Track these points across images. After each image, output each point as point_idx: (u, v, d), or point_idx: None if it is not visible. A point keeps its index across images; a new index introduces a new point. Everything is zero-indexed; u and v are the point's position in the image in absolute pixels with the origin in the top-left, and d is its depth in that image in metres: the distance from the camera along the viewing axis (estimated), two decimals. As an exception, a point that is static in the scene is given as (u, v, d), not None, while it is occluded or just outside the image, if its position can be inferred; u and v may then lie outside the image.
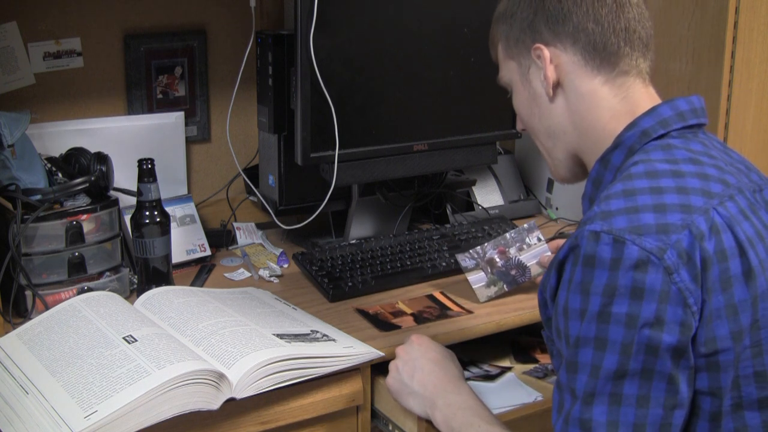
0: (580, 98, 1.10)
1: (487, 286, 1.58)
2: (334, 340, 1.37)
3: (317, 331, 1.40)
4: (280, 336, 1.32)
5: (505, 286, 1.59)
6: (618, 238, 0.92)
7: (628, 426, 0.91)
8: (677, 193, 0.97)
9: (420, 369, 1.26)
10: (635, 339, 0.91)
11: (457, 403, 1.20)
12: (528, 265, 1.58)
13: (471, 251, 1.60)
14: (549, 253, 1.58)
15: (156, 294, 1.47)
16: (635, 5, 1.09)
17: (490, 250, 1.61)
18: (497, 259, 1.59)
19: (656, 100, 1.09)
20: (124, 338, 1.26)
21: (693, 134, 1.07)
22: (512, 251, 1.60)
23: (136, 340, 1.26)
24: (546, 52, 1.10)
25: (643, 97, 1.09)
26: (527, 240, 1.59)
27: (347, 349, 1.34)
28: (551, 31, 1.10)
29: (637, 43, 1.09)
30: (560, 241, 1.80)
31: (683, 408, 0.93)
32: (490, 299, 1.59)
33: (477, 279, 1.59)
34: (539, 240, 1.59)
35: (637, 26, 1.09)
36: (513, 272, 1.59)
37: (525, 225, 1.61)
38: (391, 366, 1.29)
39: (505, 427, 1.14)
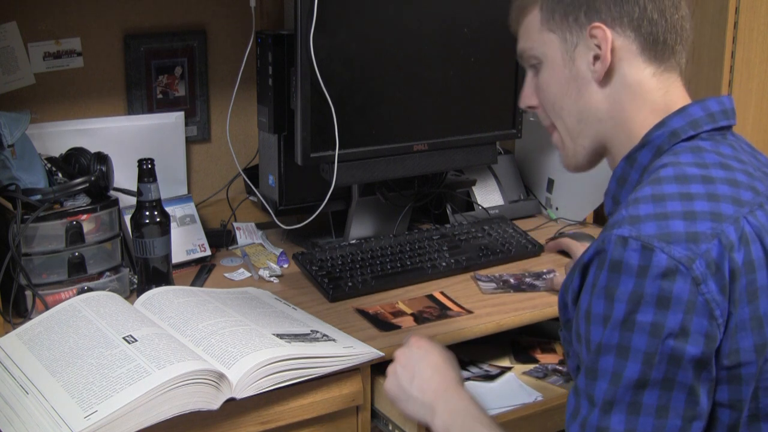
0: (626, 87, 1.06)
1: (494, 289, 1.62)
2: (334, 340, 1.37)
3: (317, 331, 1.40)
4: (280, 336, 1.32)
5: (511, 289, 1.63)
6: (647, 244, 0.90)
7: None
8: (707, 200, 0.95)
9: (419, 374, 1.22)
10: (659, 349, 0.89)
11: (457, 409, 1.17)
12: (537, 283, 1.65)
13: (489, 275, 1.68)
14: (557, 274, 1.64)
15: (156, 294, 1.47)
16: (684, 5, 1.08)
17: (506, 275, 1.68)
18: (512, 281, 1.66)
19: (688, 100, 1.08)
20: (124, 338, 1.26)
21: (722, 136, 1.05)
22: (527, 279, 1.66)
23: (136, 340, 1.26)
24: (608, 33, 1.04)
25: (680, 94, 1.07)
26: (544, 276, 1.67)
27: (347, 349, 1.34)
28: (614, 12, 1.04)
29: (684, 43, 1.08)
30: (561, 241, 1.80)
31: (702, 420, 0.92)
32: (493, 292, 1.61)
33: (487, 287, 1.64)
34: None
35: (686, 25, 1.08)
36: (523, 286, 1.64)
37: (545, 270, 1.69)
38: (389, 370, 1.26)
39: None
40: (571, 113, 1.11)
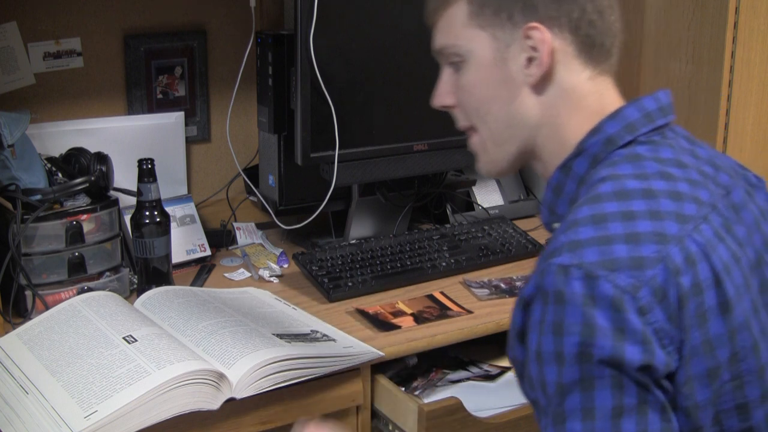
0: (561, 92, 0.99)
1: (489, 295, 1.62)
2: (334, 340, 1.37)
3: (317, 331, 1.40)
4: (280, 336, 1.32)
5: (506, 294, 1.62)
6: (589, 273, 0.84)
7: None
8: (650, 218, 0.88)
9: None
10: (624, 376, 0.83)
11: None
12: None
13: (479, 281, 1.67)
14: None
15: (156, 294, 1.48)
16: (617, 5, 1.02)
17: (495, 281, 1.67)
18: (502, 285, 1.65)
19: (622, 102, 1.01)
20: (124, 338, 1.26)
21: (661, 136, 0.99)
22: (518, 283, 1.65)
23: (136, 340, 1.26)
24: (547, 35, 0.96)
25: (614, 98, 1.01)
26: None
27: (347, 349, 1.34)
28: (553, 11, 0.97)
29: (619, 44, 1.02)
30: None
31: None
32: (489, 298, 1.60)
33: (481, 293, 1.63)
34: None
35: (619, 26, 1.02)
36: (516, 291, 1.63)
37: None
38: None
39: None
40: (498, 118, 1.02)
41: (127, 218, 1.60)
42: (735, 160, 1.09)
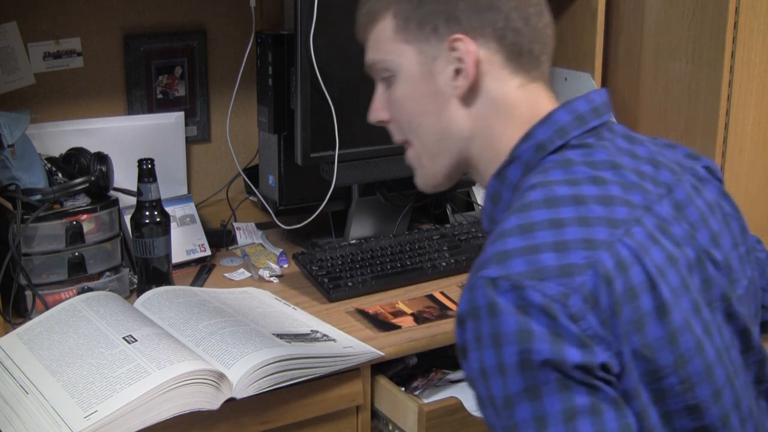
0: (491, 102, 0.98)
1: None
2: (334, 340, 1.37)
3: (317, 331, 1.40)
4: (280, 336, 1.32)
5: None
6: (517, 284, 0.83)
7: None
8: (579, 225, 0.87)
9: None
10: (568, 379, 0.82)
11: None
12: None
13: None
14: None
15: (156, 294, 1.48)
16: (547, 12, 1.01)
17: None
18: None
19: (555, 106, 0.99)
20: (124, 338, 1.26)
21: (597, 137, 0.97)
22: None
23: (136, 340, 1.26)
24: (471, 46, 0.96)
25: (546, 104, 0.99)
26: None
27: (347, 348, 1.34)
28: (475, 21, 0.96)
29: (550, 51, 1.01)
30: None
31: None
32: None
33: None
34: None
35: (550, 32, 1.01)
36: None
37: None
38: None
39: None
40: (430, 131, 1.02)
41: (127, 218, 1.60)
42: (686, 151, 1.08)
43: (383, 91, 1.07)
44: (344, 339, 1.39)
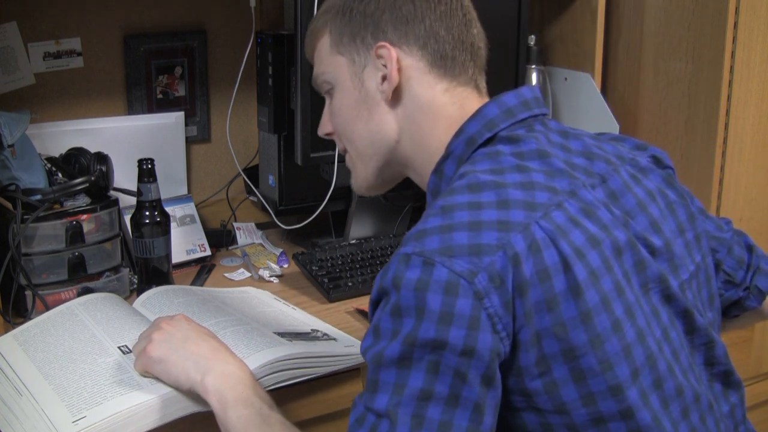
0: (418, 106, 1.05)
1: None
2: (335, 339, 1.37)
3: (318, 330, 1.40)
4: (281, 334, 1.32)
5: None
6: (427, 260, 0.87)
7: None
8: (497, 207, 0.91)
9: (192, 337, 1.14)
10: (441, 363, 0.86)
11: (235, 375, 1.09)
12: None
13: None
14: None
15: (156, 293, 1.47)
16: (476, 24, 1.09)
17: None
18: None
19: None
20: (119, 347, 1.25)
21: (527, 129, 1.02)
22: None
23: (130, 351, 1.24)
24: (393, 52, 1.04)
25: (476, 103, 1.05)
26: None
27: (348, 348, 1.34)
28: (399, 31, 1.04)
29: (479, 61, 1.08)
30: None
31: None
32: None
33: None
34: None
35: (480, 44, 1.08)
36: None
37: None
38: (156, 335, 1.15)
39: (281, 415, 1.06)
40: (362, 136, 1.10)
41: (127, 218, 1.60)
42: (634, 142, 1.12)
43: (327, 106, 1.16)
44: (345, 338, 1.39)
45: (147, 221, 1.52)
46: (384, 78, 1.05)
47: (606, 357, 0.91)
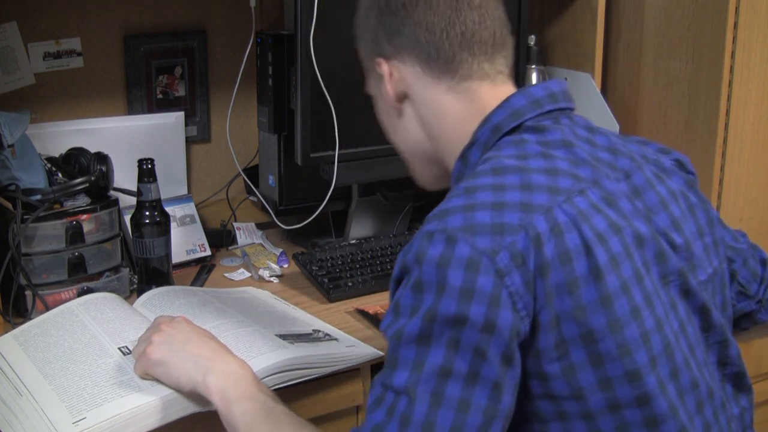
0: (426, 107, 1.08)
1: None
2: (336, 339, 1.37)
3: (319, 331, 1.40)
4: (283, 337, 1.32)
5: None
6: (450, 237, 0.89)
7: (444, 429, 0.86)
8: (520, 190, 0.93)
9: (192, 339, 1.16)
10: (462, 340, 0.87)
11: (236, 373, 1.10)
12: None
13: None
14: None
15: (157, 294, 1.47)
16: (477, 7, 1.06)
17: None
18: None
19: (500, 96, 1.06)
20: (119, 348, 1.25)
21: (553, 121, 1.03)
22: None
23: (130, 352, 1.24)
24: (384, 66, 1.09)
25: (490, 97, 1.05)
26: None
27: (350, 348, 1.34)
28: (391, 45, 1.09)
29: (479, 47, 1.05)
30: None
31: (502, 420, 0.88)
32: None
33: None
34: None
35: (478, 29, 1.05)
36: None
37: None
38: (156, 337, 1.16)
39: (285, 407, 1.06)
40: (398, 142, 1.17)
41: (127, 218, 1.60)
42: (657, 146, 1.13)
43: None
44: (346, 338, 1.39)
45: (147, 221, 1.52)
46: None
47: (624, 342, 0.91)
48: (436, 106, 1.07)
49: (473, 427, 0.87)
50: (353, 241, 1.77)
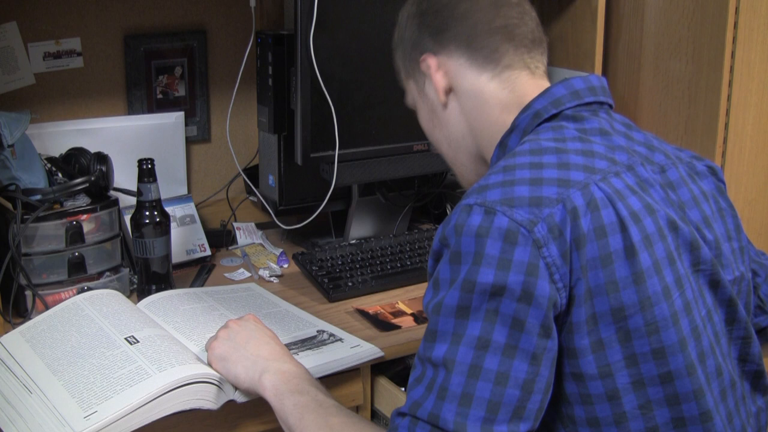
0: (469, 98, 1.11)
1: None
2: (341, 339, 1.37)
3: (324, 331, 1.40)
4: (288, 346, 1.31)
5: None
6: (489, 209, 0.91)
7: (482, 402, 0.87)
8: (558, 168, 0.96)
9: (255, 338, 1.21)
10: (500, 310, 0.88)
11: (291, 371, 1.14)
12: None
13: None
14: None
15: (161, 298, 1.47)
16: (516, 5, 1.12)
17: None
18: None
19: (539, 87, 1.10)
20: (126, 339, 1.26)
21: (591, 112, 1.06)
22: None
23: (138, 341, 1.25)
24: (432, 60, 1.13)
25: (530, 86, 1.09)
26: None
27: (354, 348, 1.34)
28: (435, 41, 1.13)
29: (520, 40, 1.10)
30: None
31: (540, 394, 0.90)
32: None
33: None
34: None
35: (519, 23, 1.11)
36: None
37: None
38: (222, 333, 1.23)
39: (337, 402, 1.08)
40: (441, 142, 1.19)
41: (127, 218, 1.60)
42: (692, 153, 1.15)
43: None
44: (350, 339, 1.39)
45: (147, 221, 1.52)
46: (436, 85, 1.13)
47: (654, 320, 0.93)
48: (480, 96, 1.10)
49: (511, 400, 0.87)
50: (353, 241, 1.77)
